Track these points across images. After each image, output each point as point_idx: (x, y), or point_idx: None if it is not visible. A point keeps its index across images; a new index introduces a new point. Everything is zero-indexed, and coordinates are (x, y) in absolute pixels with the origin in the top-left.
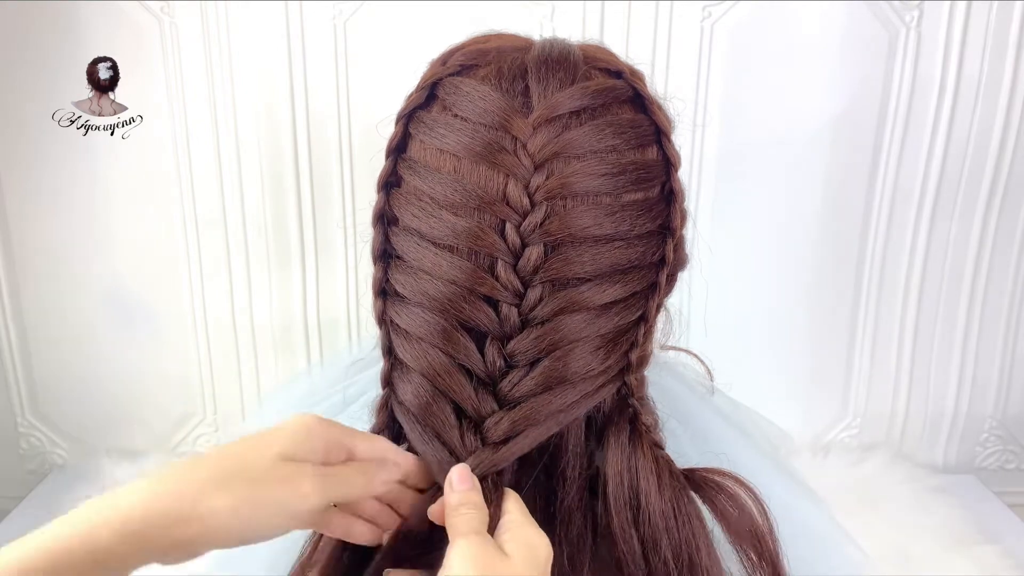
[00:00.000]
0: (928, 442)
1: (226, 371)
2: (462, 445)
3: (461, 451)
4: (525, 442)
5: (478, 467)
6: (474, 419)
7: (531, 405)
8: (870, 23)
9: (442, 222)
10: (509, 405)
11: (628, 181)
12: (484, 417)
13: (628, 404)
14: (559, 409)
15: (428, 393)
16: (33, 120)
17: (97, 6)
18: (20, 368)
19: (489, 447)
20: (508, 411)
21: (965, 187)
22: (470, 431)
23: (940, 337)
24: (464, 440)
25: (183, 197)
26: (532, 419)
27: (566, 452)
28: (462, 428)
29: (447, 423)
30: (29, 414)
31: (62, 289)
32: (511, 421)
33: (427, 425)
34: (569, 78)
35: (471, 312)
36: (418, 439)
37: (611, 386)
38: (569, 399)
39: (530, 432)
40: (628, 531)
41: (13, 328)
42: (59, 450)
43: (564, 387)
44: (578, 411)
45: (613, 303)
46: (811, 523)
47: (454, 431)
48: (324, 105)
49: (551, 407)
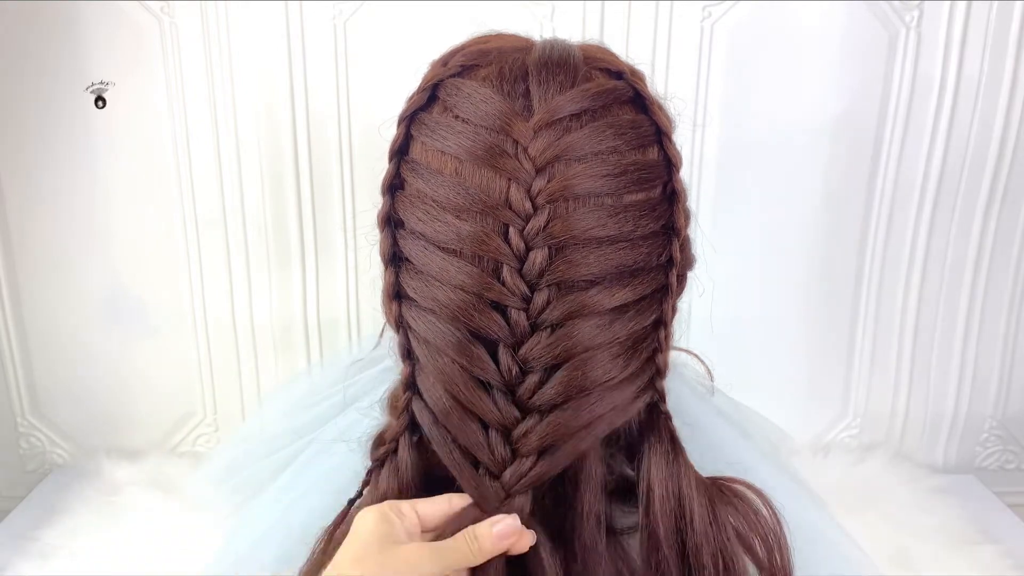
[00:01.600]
0: (928, 442)
1: (226, 371)
2: (492, 458)
3: (492, 465)
4: (562, 457)
5: (517, 483)
6: (500, 430)
7: (560, 418)
8: (870, 23)
9: (447, 226)
10: (533, 414)
11: (629, 182)
12: (510, 427)
13: (662, 412)
14: (589, 420)
15: (455, 409)
16: (33, 120)
17: (97, 6)
18: (20, 368)
19: (523, 459)
20: (536, 423)
21: (965, 187)
22: (499, 442)
23: (940, 337)
24: (495, 453)
25: (183, 197)
26: (564, 433)
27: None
28: (490, 441)
29: (475, 440)
30: (29, 414)
31: (62, 289)
32: (540, 435)
33: (455, 441)
34: (569, 80)
35: (481, 320)
36: (447, 456)
37: (646, 395)
38: (597, 411)
39: (566, 447)
40: (672, 538)
41: (13, 328)
42: (59, 450)
43: (588, 396)
44: (614, 422)
45: (625, 306)
46: (811, 523)
47: (483, 448)
48: (324, 105)
49: (579, 419)
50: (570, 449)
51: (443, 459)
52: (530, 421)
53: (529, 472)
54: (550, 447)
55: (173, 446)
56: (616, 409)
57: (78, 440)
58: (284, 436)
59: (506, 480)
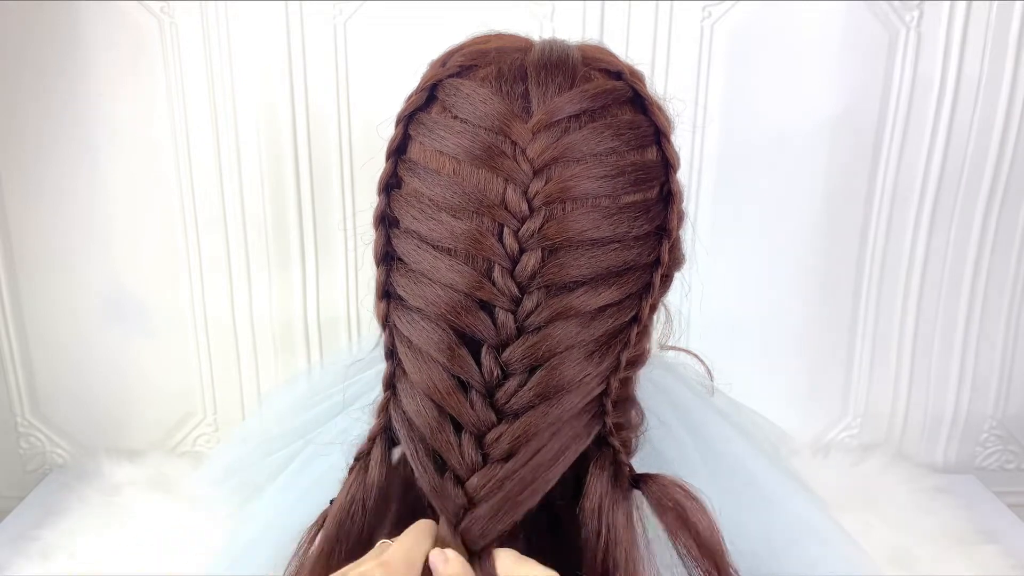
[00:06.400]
0: (928, 442)
1: (226, 371)
2: (462, 461)
3: (461, 469)
4: (529, 456)
5: (483, 486)
6: (474, 433)
7: (530, 418)
8: (870, 23)
9: (441, 224)
10: (508, 417)
11: (627, 183)
12: (484, 431)
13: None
14: (559, 419)
15: (430, 410)
16: (33, 120)
17: (97, 6)
18: (20, 368)
19: (493, 465)
20: (508, 426)
21: (965, 187)
22: (470, 446)
23: (940, 337)
24: (464, 457)
25: (183, 197)
26: (531, 431)
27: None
28: (462, 445)
29: (446, 441)
30: (29, 414)
31: (62, 289)
32: (511, 438)
33: (426, 444)
34: (568, 81)
35: (467, 319)
36: (412, 457)
37: (601, 387)
38: (567, 407)
39: (532, 445)
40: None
41: (13, 328)
42: (59, 450)
43: (561, 395)
44: (571, 415)
45: (607, 306)
46: (811, 523)
47: (453, 451)
48: (324, 105)
49: (549, 417)
50: (536, 448)
51: (409, 460)
52: (503, 425)
53: (496, 476)
54: (517, 449)
55: (173, 446)
56: (586, 403)
57: (78, 440)
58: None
59: (471, 486)
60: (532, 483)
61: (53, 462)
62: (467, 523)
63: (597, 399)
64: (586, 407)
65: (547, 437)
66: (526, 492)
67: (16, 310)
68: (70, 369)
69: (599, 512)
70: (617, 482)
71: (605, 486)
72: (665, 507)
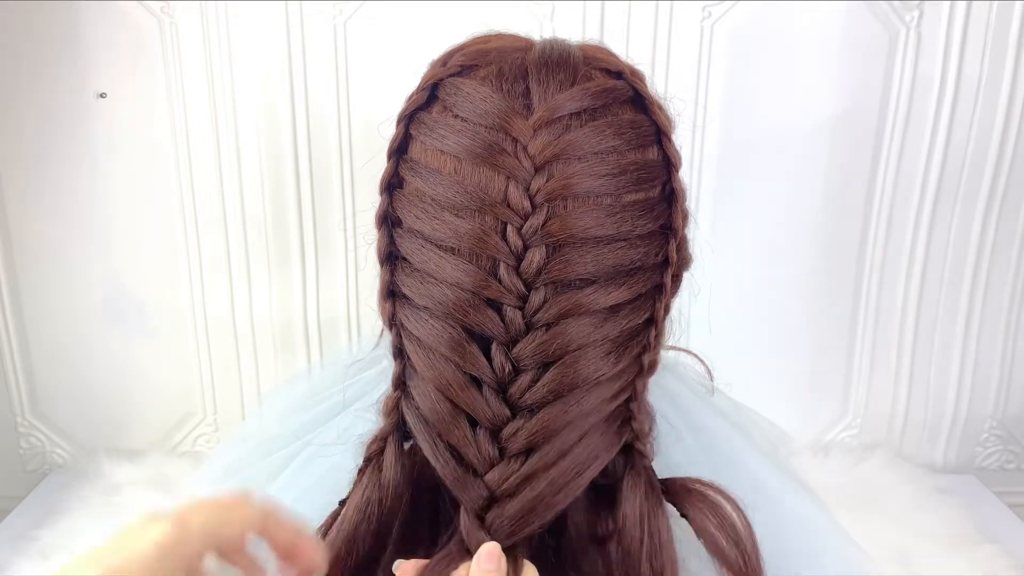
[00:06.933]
0: (928, 442)
1: (226, 371)
2: (479, 455)
3: (479, 463)
4: (556, 457)
5: (504, 480)
6: (490, 429)
7: (547, 414)
8: (870, 23)
9: (444, 224)
10: (523, 413)
11: (629, 181)
12: (499, 426)
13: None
14: (582, 419)
15: (444, 406)
16: (33, 120)
17: (97, 6)
18: (20, 368)
19: (511, 460)
20: (524, 421)
21: (965, 187)
22: (487, 440)
23: (940, 337)
24: (481, 451)
25: (183, 197)
26: (551, 428)
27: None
28: (478, 439)
29: (463, 437)
30: (29, 414)
31: (62, 289)
32: (528, 433)
33: (444, 440)
34: (569, 79)
35: (476, 317)
36: (431, 452)
37: (628, 391)
38: (586, 407)
39: (556, 444)
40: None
41: (13, 328)
42: (59, 450)
43: (577, 393)
44: (597, 417)
45: (619, 306)
46: (811, 523)
47: (471, 445)
48: (324, 105)
49: (568, 415)
50: (558, 447)
51: (428, 455)
52: (519, 420)
53: (517, 471)
54: (537, 445)
55: (173, 446)
56: (603, 402)
57: (78, 440)
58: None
59: (491, 479)
60: (564, 486)
61: (53, 462)
62: (494, 518)
63: (624, 404)
64: (614, 412)
65: (574, 439)
66: (559, 495)
67: (16, 310)
68: (70, 369)
69: (641, 519)
70: (653, 488)
71: (643, 492)
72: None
